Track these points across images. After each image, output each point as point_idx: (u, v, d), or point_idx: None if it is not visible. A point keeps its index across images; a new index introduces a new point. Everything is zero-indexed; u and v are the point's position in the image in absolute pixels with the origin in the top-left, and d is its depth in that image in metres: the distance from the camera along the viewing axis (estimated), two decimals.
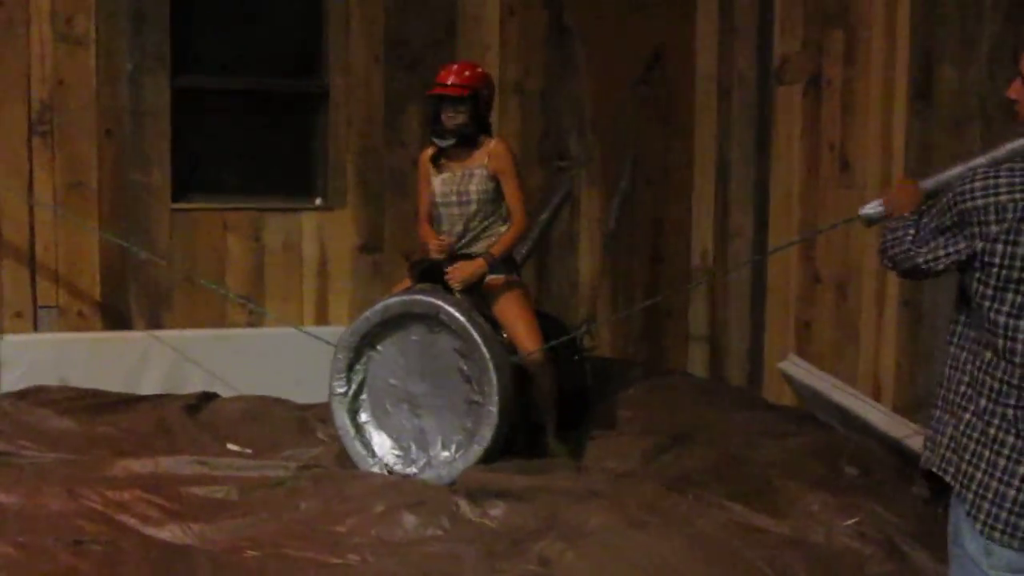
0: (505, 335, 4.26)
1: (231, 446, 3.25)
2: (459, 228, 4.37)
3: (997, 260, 2.09)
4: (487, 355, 4.02)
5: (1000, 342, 2.10)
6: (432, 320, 4.12)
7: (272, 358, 5.12)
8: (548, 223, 5.09)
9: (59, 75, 4.94)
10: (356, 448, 4.17)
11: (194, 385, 4.99)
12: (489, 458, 4.02)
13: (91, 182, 5.02)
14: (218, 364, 5.08)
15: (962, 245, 2.16)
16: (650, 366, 5.59)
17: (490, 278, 4.32)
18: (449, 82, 4.33)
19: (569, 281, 5.75)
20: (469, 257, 4.32)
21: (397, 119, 5.45)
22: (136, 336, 5.08)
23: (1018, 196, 2.09)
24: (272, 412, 4.71)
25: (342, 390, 4.21)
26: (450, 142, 4.36)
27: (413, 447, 4.17)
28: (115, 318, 5.10)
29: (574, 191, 5.42)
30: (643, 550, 3.25)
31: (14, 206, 4.91)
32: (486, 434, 4.02)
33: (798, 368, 4.90)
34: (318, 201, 5.45)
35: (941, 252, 2.24)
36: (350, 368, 4.21)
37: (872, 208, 2.95)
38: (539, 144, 5.64)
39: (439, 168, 4.43)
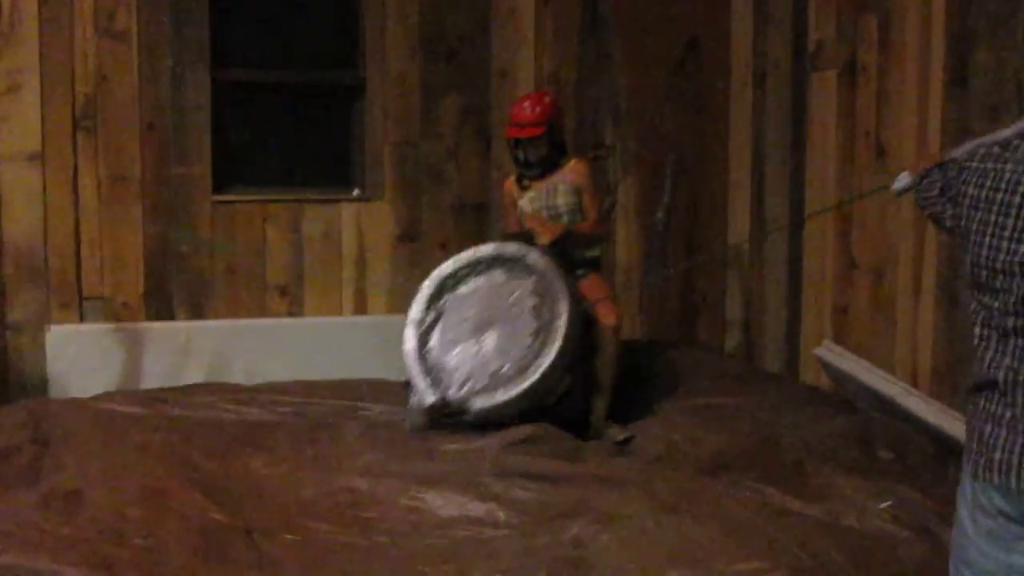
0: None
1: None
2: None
3: None
4: (562, 287, 4.26)
5: None
6: (517, 264, 4.39)
7: (312, 348, 5.20)
8: (668, 209, 5.36)
9: (102, 71, 5.04)
10: (416, 369, 4.32)
11: (235, 375, 5.08)
12: (543, 385, 4.16)
13: (134, 175, 5.12)
14: (259, 354, 5.17)
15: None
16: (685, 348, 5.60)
17: (578, 272, 4.60)
18: (525, 123, 4.65)
19: (607, 269, 5.78)
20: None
21: (433, 110, 5.50)
22: (178, 327, 5.18)
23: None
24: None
25: (418, 316, 4.42)
26: (537, 172, 4.72)
27: (474, 375, 4.29)
28: (158, 309, 5.20)
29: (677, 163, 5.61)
30: (677, 534, 3.28)
31: (59, 200, 5.02)
32: (547, 357, 4.17)
33: (834, 354, 4.89)
34: (356, 192, 5.52)
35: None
36: (430, 301, 4.44)
37: (900, 178, 2.83)
38: (575, 135, 5.65)
39: (523, 189, 4.77)
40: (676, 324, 5.87)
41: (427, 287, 4.47)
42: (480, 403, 4.18)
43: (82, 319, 5.09)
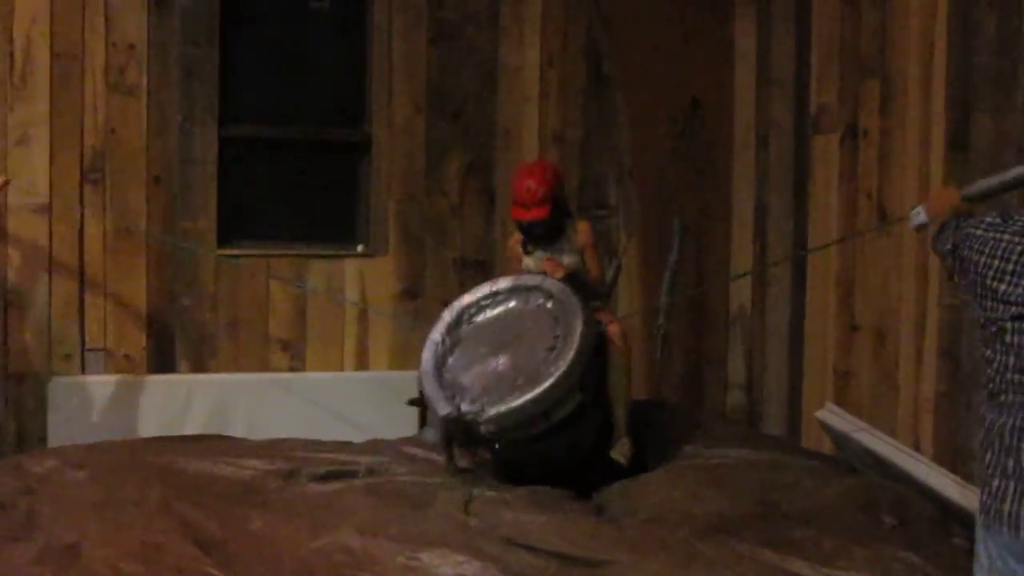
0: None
1: None
2: None
3: None
4: (577, 306, 4.31)
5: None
6: (533, 292, 4.46)
7: (313, 402, 5.19)
8: (676, 263, 5.34)
9: (111, 124, 5.09)
10: (433, 386, 4.33)
11: (235, 429, 5.06)
12: (552, 393, 4.15)
13: (139, 228, 5.15)
14: (260, 408, 5.16)
15: None
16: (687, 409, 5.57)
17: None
18: (530, 204, 4.56)
19: None
20: None
21: (438, 168, 5.54)
22: (181, 379, 5.18)
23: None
24: None
25: (438, 339, 4.46)
26: (546, 246, 4.68)
27: (489, 389, 4.29)
28: (160, 361, 5.20)
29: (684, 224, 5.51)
30: None
31: (65, 251, 5.05)
32: (559, 367, 4.17)
33: (836, 416, 4.87)
34: (360, 248, 5.54)
35: None
36: (449, 328, 4.49)
37: (916, 214, 3.09)
38: (579, 193, 5.69)
39: (528, 251, 4.75)
40: (679, 385, 5.85)
41: (447, 315, 4.53)
42: (492, 410, 4.16)
43: (84, 370, 5.09)
